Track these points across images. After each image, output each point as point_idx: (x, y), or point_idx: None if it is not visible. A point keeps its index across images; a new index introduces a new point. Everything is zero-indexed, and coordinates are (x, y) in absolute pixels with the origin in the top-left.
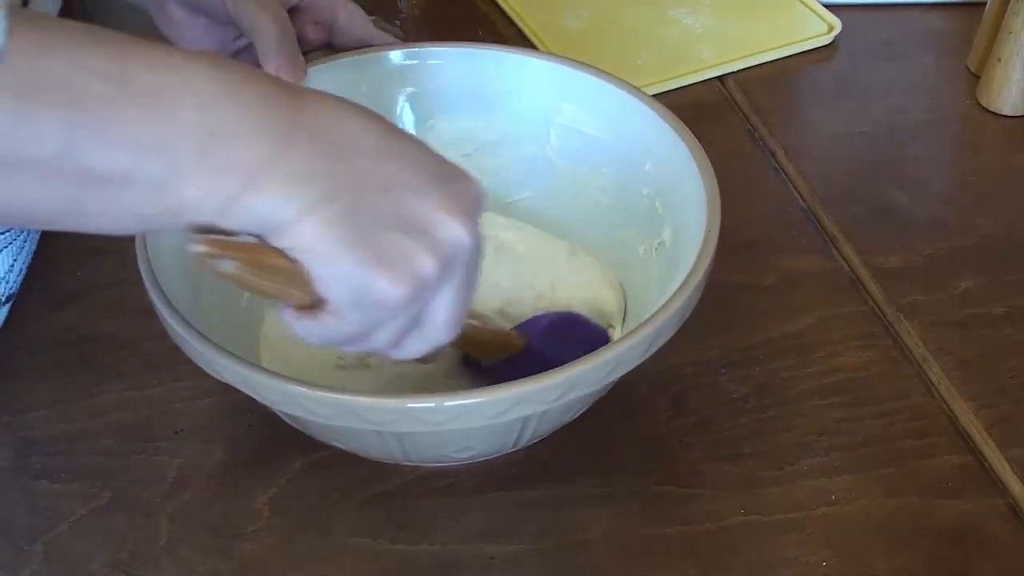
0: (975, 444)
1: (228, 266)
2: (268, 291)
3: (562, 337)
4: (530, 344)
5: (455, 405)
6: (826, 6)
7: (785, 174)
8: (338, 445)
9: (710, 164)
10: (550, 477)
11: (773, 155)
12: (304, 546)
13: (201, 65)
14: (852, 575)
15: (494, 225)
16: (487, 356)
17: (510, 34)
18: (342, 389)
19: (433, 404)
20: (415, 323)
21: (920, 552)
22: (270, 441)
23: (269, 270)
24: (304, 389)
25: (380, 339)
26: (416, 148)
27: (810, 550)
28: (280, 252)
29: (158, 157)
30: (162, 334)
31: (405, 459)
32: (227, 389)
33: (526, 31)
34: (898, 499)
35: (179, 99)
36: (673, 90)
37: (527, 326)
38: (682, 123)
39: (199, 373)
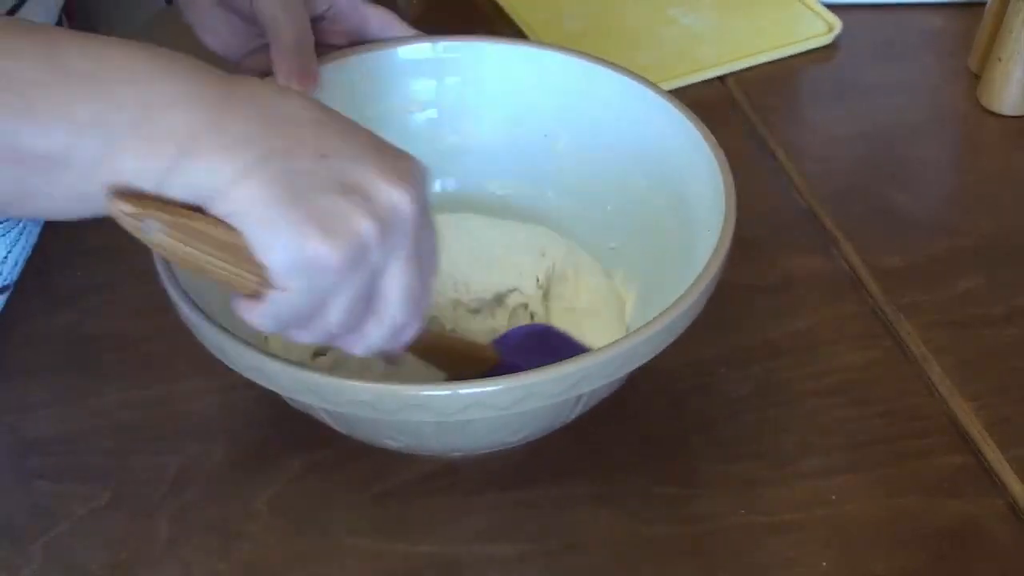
0: (975, 444)
1: (155, 229)
2: (209, 267)
3: (535, 350)
4: (503, 358)
5: (520, 385)
6: (826, 6)
7: (785, 174)
8: (391, 443)
9: (724, 156)
10: (550, 477)
11: (773, 155)
12: (304, 546)
13: (132, 48)
14: (852, 575)
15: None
16: (456, 369)
17: (510, 34)
18: (407, 383)
19: (500, 387)
20: (369, 303)
21: (920, 552)
22: (270, 441)
23: (207, 241)
24: (366, 384)
25: (335, 316)
26: (354, 124)
27: (810, 550)
28: (217, 221)
29: (94, 132)
30: (162, 334)
31: (457, 449)
32: (227, 389)
33: (526, 31)
34: (898, 499)
35: (112, 78)
36: (673, 90)
37: (501, 340)
38: (700, 121)
39: (199, 373)
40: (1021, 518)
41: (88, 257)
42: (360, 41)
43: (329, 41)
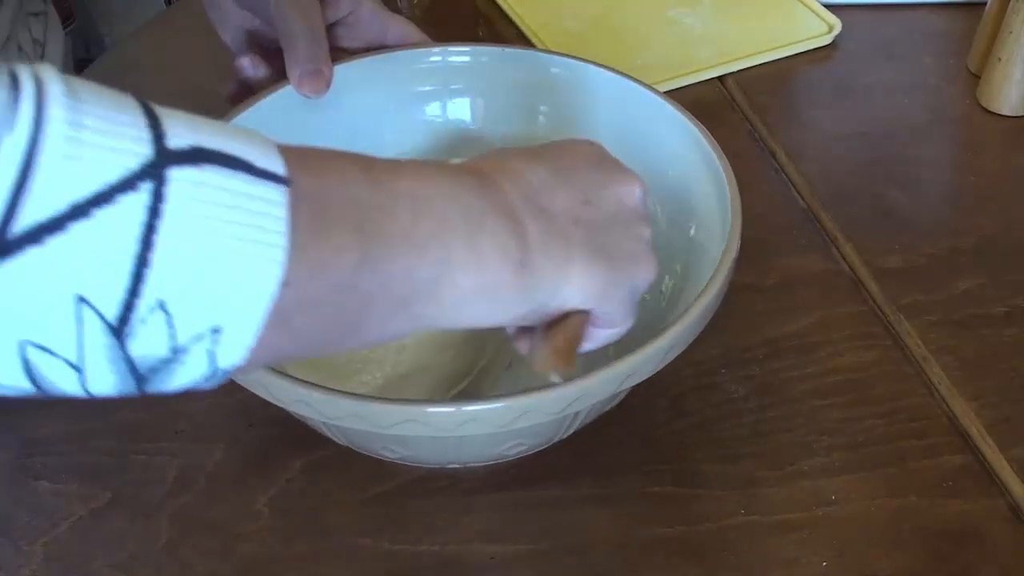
0: (975, 444)
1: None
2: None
3: None
4: None
5: (518, 403)
6: (826, 6)
7: (785, 174)
8: (387, 454)
9: (726, 158)
10: (550, 478)
11: (773, 155)
12: (304, 546)
13: (408, 164)
14: (852, 575)
15: None
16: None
17: (510, 34)
18: (404, 400)
19: (501, 404)
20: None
21: (920, 552)
22: (270, 441)
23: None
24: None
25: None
26: (562, 149)
27: (810, 550)
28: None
29: (436, 254)
30: None
31: (457, 460)
32: (227, 390)
33: (526, 31)
34: (898, 499)
35: (430, 194)
36: (673, 90)
37: None
38: (703, 125)
39: None
40: (1021, 518)
41: None
42: (378, 49)
43: (345, 47)
